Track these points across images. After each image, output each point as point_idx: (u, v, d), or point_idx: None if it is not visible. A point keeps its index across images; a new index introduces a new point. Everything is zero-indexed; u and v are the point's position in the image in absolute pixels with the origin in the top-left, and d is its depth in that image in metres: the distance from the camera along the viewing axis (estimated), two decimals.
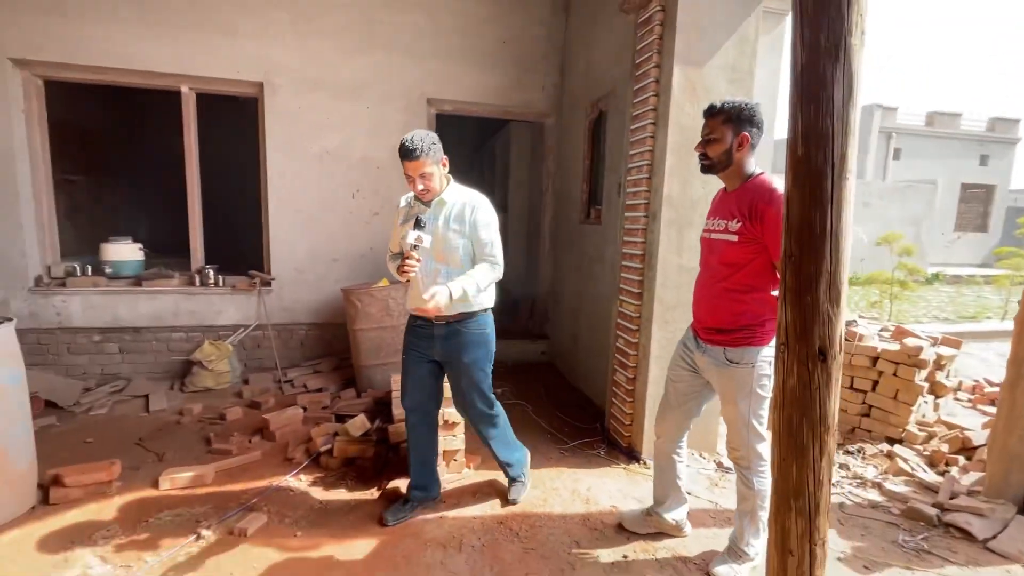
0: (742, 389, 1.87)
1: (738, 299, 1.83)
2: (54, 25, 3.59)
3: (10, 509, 2.24)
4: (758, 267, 1.78)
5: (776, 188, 1.74)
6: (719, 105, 1.81)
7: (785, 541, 1.07)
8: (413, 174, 2.06)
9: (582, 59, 4.13)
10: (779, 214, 1.66)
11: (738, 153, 1.80)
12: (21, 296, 3.77)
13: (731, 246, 1.81)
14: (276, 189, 4.14)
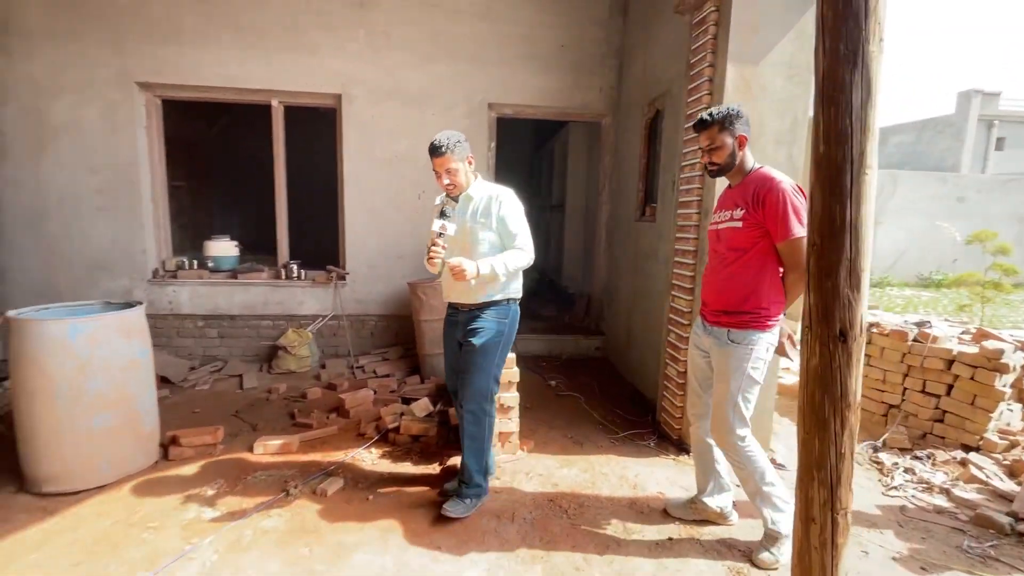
0: (737, 368, 1.97)
1: (744, 282, 1.96)
2: (171, 53, 4.15)
3: (139, 461, 2.68)
4: (762, 250, 1.93)
5: (774, 178, 1.91)
6: (709, 117, 1.96)
7: (808, 509, 1.15)
8: (440, 169, 2.21)
9: (639, 60, 4.20)
10: (778, 200, 1.80)
11: (740, 152, 1.97)
12: (142, 286, 4.39)
13: (737, 232, 1.95)
14: (351, 191, 4.52)
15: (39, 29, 4.03)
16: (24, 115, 4.10)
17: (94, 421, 2.46)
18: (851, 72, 0.99)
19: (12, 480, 2.53)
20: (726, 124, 1.94)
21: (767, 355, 2.00)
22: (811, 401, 1.13)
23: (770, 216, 1.87)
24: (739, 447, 2.02)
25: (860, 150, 1.01)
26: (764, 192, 1.89)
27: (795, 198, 1.88)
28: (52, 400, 2.37)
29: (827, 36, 1.01)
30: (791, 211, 1.85)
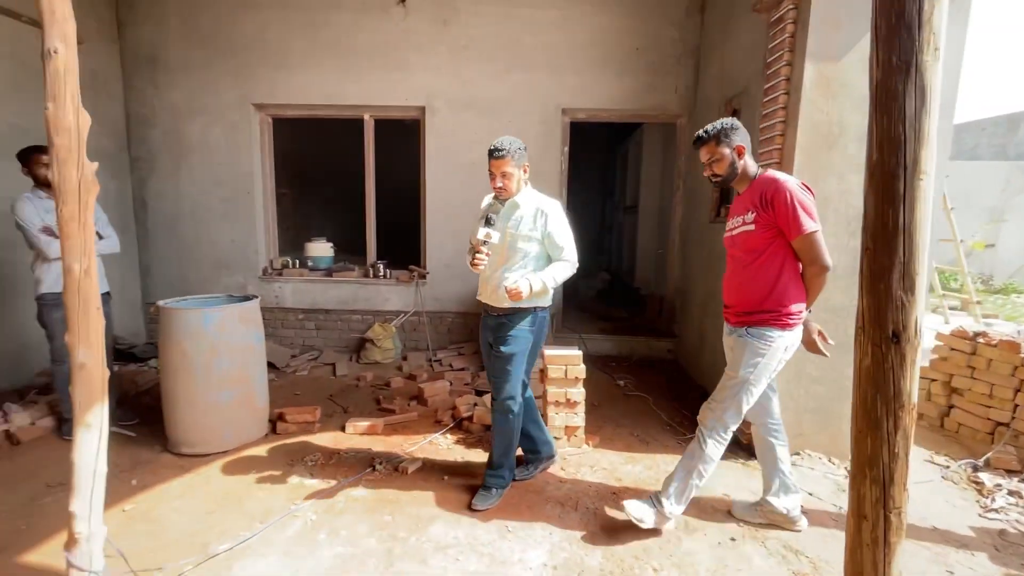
0: (750, 361, 2.01)
1: (763, 282, 2.01)
2: (281, 77, 4.70)
3: (252, 432, 3.11)
4: (777, 249, 1.98)
5: (778, 179, 1.97)
6: (704, 134, 2.06)
7: (860, 506, 1.18)
8: (496, 171, 2.27)
9: (716, 59, 4.13)
10: (786, 199, 1.90)
11: (740, 162, 2.05)
12: (254, 282, 5.00)
13: (751, 235, 2.02)
14: (432, 195, 4.85)
15: (179, 63, 4.74)
16: (167, 137, 4.84)
17: (220, 396, 2.90)
18: (904, 82, 1.01)
19: (159, 442, 3.05)
20: (722, 138, 2.03)
21: (785, 354, 2.03)
22: (863, 400, 1.15)
23: (780, 216, 1.92)
24: (719, 437, 2.09)
25: (914, 157, 1.03)
26: (771, 193, 1.94)
27: (802, 195, 1.92)
28: (189, 376, 2.84)
29: (880, 47, 1.04)
30: (799, 208, 1.89)
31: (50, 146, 1.51)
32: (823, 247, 1.93)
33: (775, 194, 1.93)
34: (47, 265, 2.93)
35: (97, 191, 1.61)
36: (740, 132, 2.04)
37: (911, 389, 1.11)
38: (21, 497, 2.50)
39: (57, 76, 1.49)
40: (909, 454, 1.14)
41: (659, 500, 2.20)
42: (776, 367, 2.04)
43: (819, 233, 1.92)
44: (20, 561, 2.06)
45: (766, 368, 2.02)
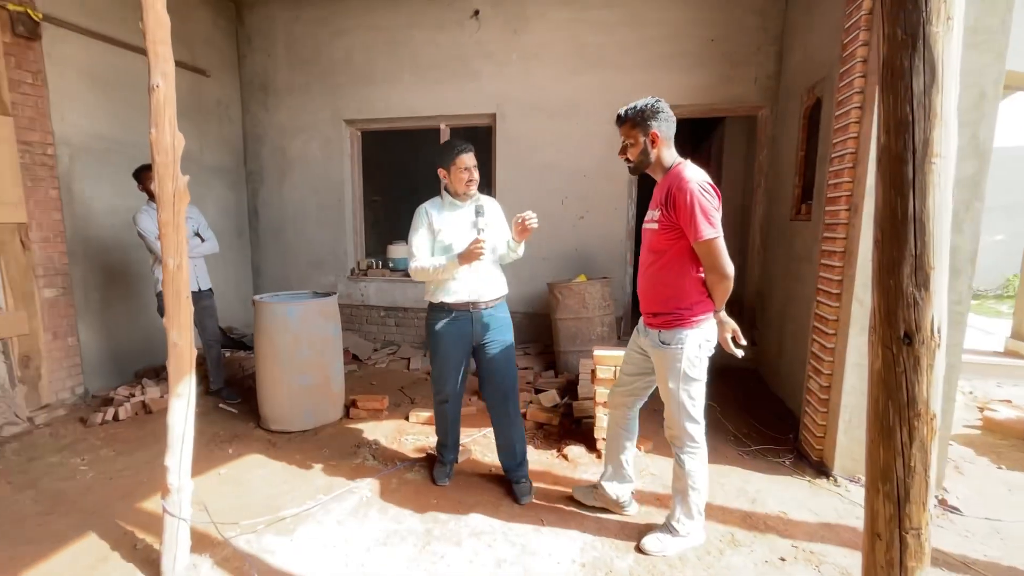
0: (672, 369, 1.98)
1: (666, 283, 1.96)
2: (367, 93, 5.14)
3: (330, 415, 3.45)
4: (680, 251, 1.91)
5: (685, 176, 1.84)
6: (622, 113, 1.96)
7: (873, 524, 1.07)
8: (470, 165, 2.37)
9: (800, 43, 3.82)
10: (686, 201, 1.80)
11: (653, 149, 1.93)
12: (343, 281, 5.50)
13: (654, 234, 1.95)
14: (502, 199, 4.96)
15: (285, 87, 5.37)
16: (273, 152, 5.51)
17: (301, 380, 3.26)
18: (910, 57, 0.92)
19: (253, 418, 3.50)
20: (637, 120, 1.92)
21: (700, 351, 1.98)
22: (874, 406, 1.05)
23: (682, 218, 1.83)
24: (689, 447, 2.05)
25: (924, 138, 0.93)
26: (675, 192, 1.84)
27: (703, 198, 1.80)
28: (276, 362, 3.23)
29: (885, 21, 0.95)
30: (699, 212, 1.78)
31: (152, 164, 1.84)
32: (722, 254, 1.84)
33: (677, 194, 1.83)
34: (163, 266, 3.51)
35: (188, 200, 1.92)
36: (660, 117, 1.92)
37: (929, 396, 0.99)
38: (147, 456, 3.01)
39: (159, 106, 1.81)
40: (929, 469, 1.02)
41: (672, 528, 2.13)
42: (701, 364, 2.00)
43: (719, 240, 1.83)
44: (136, 507, 2.50)
45: (690, 370, 1.97)
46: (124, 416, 3.56)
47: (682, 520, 2.10)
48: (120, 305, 4.20)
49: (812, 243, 3.34)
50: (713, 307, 1.97)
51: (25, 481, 2.75)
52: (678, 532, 2.10)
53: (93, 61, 3.92)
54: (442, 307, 2.45)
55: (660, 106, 1.93)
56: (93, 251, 3.99)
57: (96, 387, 4.02)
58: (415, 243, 2.46)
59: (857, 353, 2.48)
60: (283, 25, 5.28)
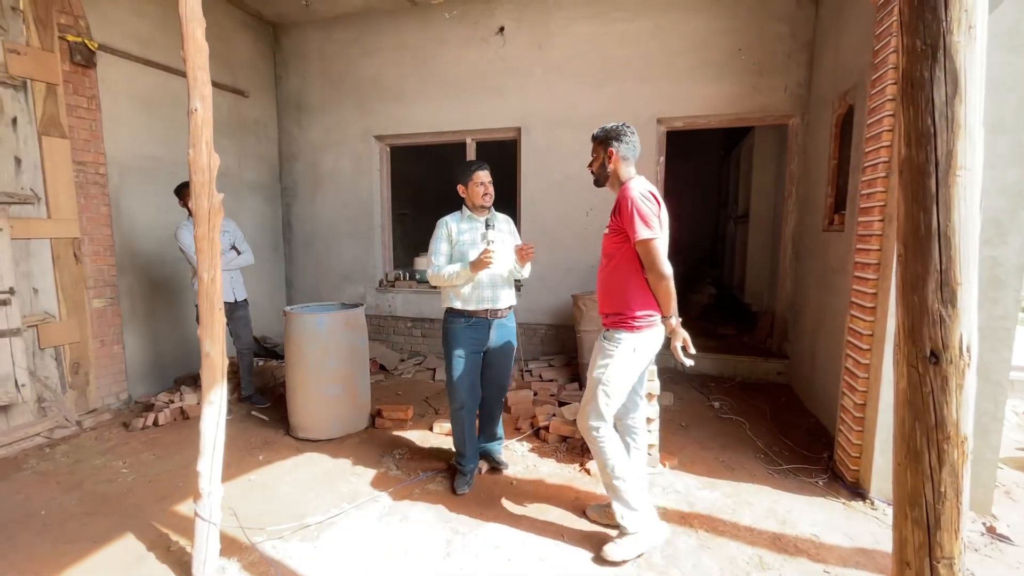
0: (600, 361, 2.14)
1: (614, 284, 2.15)
2: (396, 110, 5.29)
3: (356, 424, 3.52)
4: (626, 255, 2.09)
5: (627, 186, 2.07)
6: (595, 132, 2.21)
7: (902, 551, 1.02)
8: (485, 181, 2.65)
9: (831, 50, 3.74)
10: (626, 205, 2.01)
11: (610, 164, 2.16)
12: (372, 293, 5.62)
13: (606, 238, 2.17)
14: (527, 211, 5.03)
15: (318, 106, 5.58)
16: (306, 168, 5.71)
17: (328, 389, 3.34)
18: (931, 67, 0.89)
19: (283, 426, 3.60)
20: (601, 138, 2.18)
21: (633, 355, 2.10)
22: (901, 427, 1.01)
23: (624, 221, 2.02)
24: (593, 436, 2.13)
25: (947, 150, 0.90)
26: (619, 199, 2.07)
27: (642, 204, 2.00)
28: (305, 371, 3.32)
29: (904, 33, 0.93)
30: (636, 214, 1.99)
31: (190, 182, 1.94)
32: (658, 255, 2.01)
33: (621, 200, 2.05)
34: None
35: (222, 216, 2.02)
36: (623, 139, 2.14)
37: (959, 418, 0.95)
38: (183, 460, 3.13)
39: (197, 128, 1.92)
40: (960, 495, 0.97)
41: (619, 526, 2.18)
42: (629, 368, 2.11)
43: (655, 241, 2.00)
44: (172, 510, 2.60)
45: (616, 369, 2.09)
46: (163, 421, 3.71)
47: (624, 515, 2.14)
48: (161, 315, 4.40)
49: (846, 254, 3.24)
50: (660, 313, 2.11)
51: (72, 482, 2.90)
52: (627, 531, 2.15)
53: (141, 85, 4.17)
54: (460, 313, 2.67)
55: (623, 130, 2.17)
56: (138, 263, 4.21)
57: (139, 393, 4.21)
58: (435, 251, 2.70)
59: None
60: (316, 46, 5.50)
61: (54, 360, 3.63)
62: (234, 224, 3.98)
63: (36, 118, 3.46)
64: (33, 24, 3.42)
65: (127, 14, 4.03)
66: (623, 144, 2.15)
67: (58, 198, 3.57)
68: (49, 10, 3.50)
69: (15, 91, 3.35)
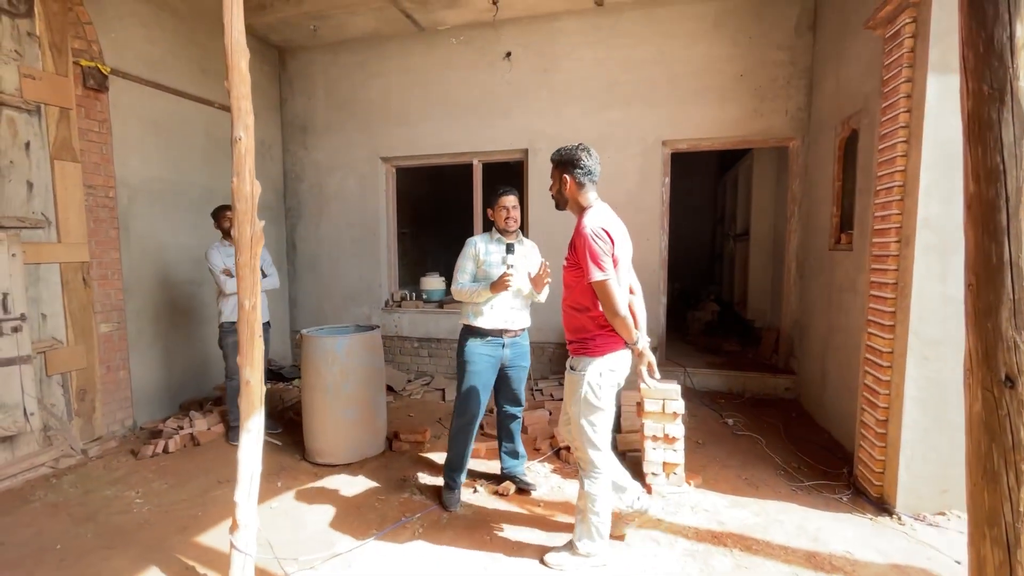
0: (575, 394, 2.13)
1: (574, 315, 2.17)
2: (402, 132, 5.34)
3: (372, 448, 3.48)
4: (583, 288, 2.09)
5: (584, 220, 2.07)
6: (553, 155, 2.21)
7: (981, 570, 1.05)
8: (509, 206, 2.74)
9: (831, 76, 3.89)
10: (581, 244, 2.01)
11: (567, 191, 2.16)
12: (377, 313, 5.60)
13: (565, 270, 2.18)
14: (535, 230, 5.08)
15: (323, 127, 5.61)
16: (312, 189, 5.71)
17: (346, 413, 3.31)
18: (998, 110, 0.96)
19: (298, 451, 3.55)
20: (558, 164, 2.18)
21: (602, 380, 2.09)
22: (976, 449, 1.05)
23: (579, 259, 2.03)
24: (589, 467, 2.14)
25: (1017, 186, 0.96)
26: (575, 236, 2.08)
27: (594, 244, 1.98)
28: (323, 395, 3.29)
29: (969, 78, 1.00)
30: (589, 256, 1.97)
31: (233, 209, 1.95)
32: (613, 295, 1.99)
33: (576, 238, 2.06)
34: (225, 299, 3.62)
35: (263, 242, 2.02)
36: (579, 165, 2.11)
37: None
38: (198, 489, 3.07)
39: (240, 157, 1.93)
40: None
41: (573, 546, 2.24)
42: (604, 393, 2.10)
43: (608, 281, 1.98)
44: (194, 541, 2.54)
45: (590, 397, 2.09)
46: (174, 448, 3.63)
47: (583, 540, 2.20)
48: (168, 338, 4.33)
49: (856, 273, 3.33)
50: (620, 341, 2.12)
51: (84, 514, 2.81)
52: (578, 551, 2.21)
53: (151, 109, 4.17)
54: (478, 331, 2.77)
55: (579, 156, 2.13)
56: (145, 287, 4.15)
57: (144, 419, 4.12)
58: (461, 268, 2.80)
59: (915, 387, 2.45)
60: (322, 69, 5.55)
61: (60, 387, 3.54)
62: (263, 248, 3.99)
63: (49, 142, 3.43)
64: (48, 49, 3.42)
65: (139, 40, 4.04)
66: (579, 170, 2.12)
67: (68, 222, 3.53)
68: (64, 35, 3.50)
69: (29, 115, 3.33)
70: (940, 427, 2.44)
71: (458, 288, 2.75)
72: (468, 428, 2.80)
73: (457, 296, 2.78)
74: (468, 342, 2.79)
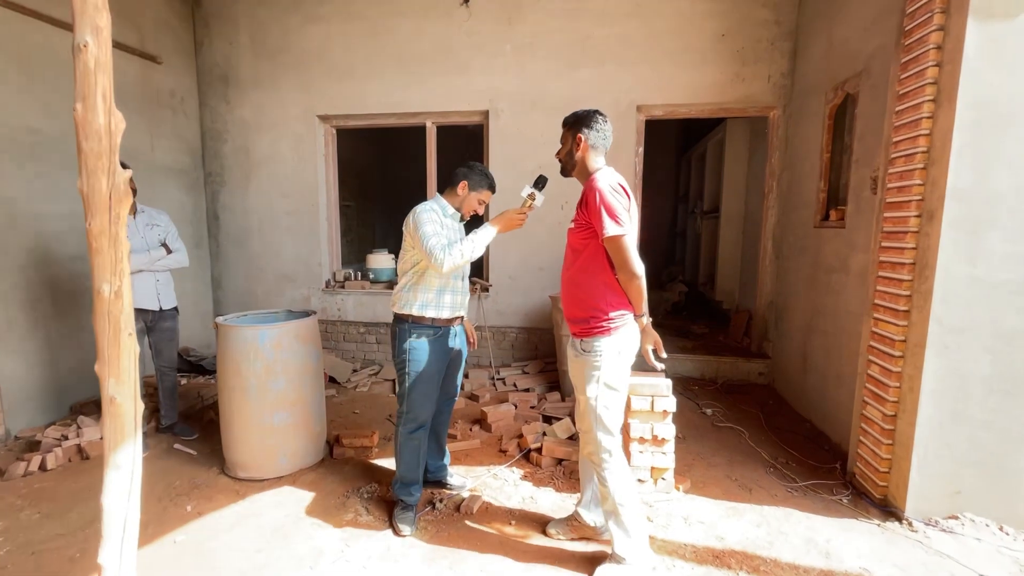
0: (589, 379, 1.94)
1: (581, 285, 1.95)
2: (345, 87, 4.64)
3: (308, 458, 2.93)
4: (593, 251, 1.91)
5: (595, 176, 1.91)
6: (565, 118, 2.06)
7: None
8: (487, 202, 2.45)
9: (821, 37, 3.58)
10: (594, 199, 1.82)
11: (578, 153, 2.00)
12: (317, 295, 4.94)
13: (572, 233, 1.99)
14: (494, 203, 4.57)
15: (250, 79, 4.80)
16: (237, 151, 4.91)
17: (275, 418, 2.74)
18: None
19: (217, 462, 2.94)
20: (572, 124, 2.03)
21: (619, 360, 1.93)
22: None
23: (592, 215, 1.85)
24: (602, 460, 1.96)
25: None
26: (586, 191, 1.90)
27: (611, 197, 1.83)
28: (244, 396, 2.70)
29: None
30: (603, 209, 1.81)
31: (78, 152, 1.33)
32: (628, 252, 1.84)
33: (588, 193, 1.89)
34: None
35: (131, 202, 1.42)
36: (594, 127, 1.98)
37: None
38: (80, 519, 2.43)
39: (87, 73, 1.31)
40: None
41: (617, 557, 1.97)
42: (619, 375, 1.94)
43: (625, 238, 1.83)
44: None
45: (606, 381, 1.92)
46: (54, 465, 2.93)
47: (622, 544, 1.96)
48: (51, 327, 3.54)
49: (848, 251, 3.08)
50: (633, 311, 1.93)
51: None
52: (624, 560, 1.97)
53: (19, 43, 3.28)
54: (430, 323, 2.32)
55: (595, 117, 2.00)
56: (17, 263, 3.34)
57: (19, 426, 3.35)
58: (434, 232, 2.21)
59: (934, 379, 2.18)
60: (247, 9, 4.72)
61: None
62: (167, 218, 3.29)
63: None
64: None
65: None
66: (593, 132, 1.98)
67: None
68: None
69: None
70: (957, 423, 2.20)
71: (452, 255, 2.12)
72: (418, 434, 2.38)
73: (455, 260, 2.13)
74: (414, 339, 2.30)
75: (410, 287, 2.31)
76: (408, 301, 2.30)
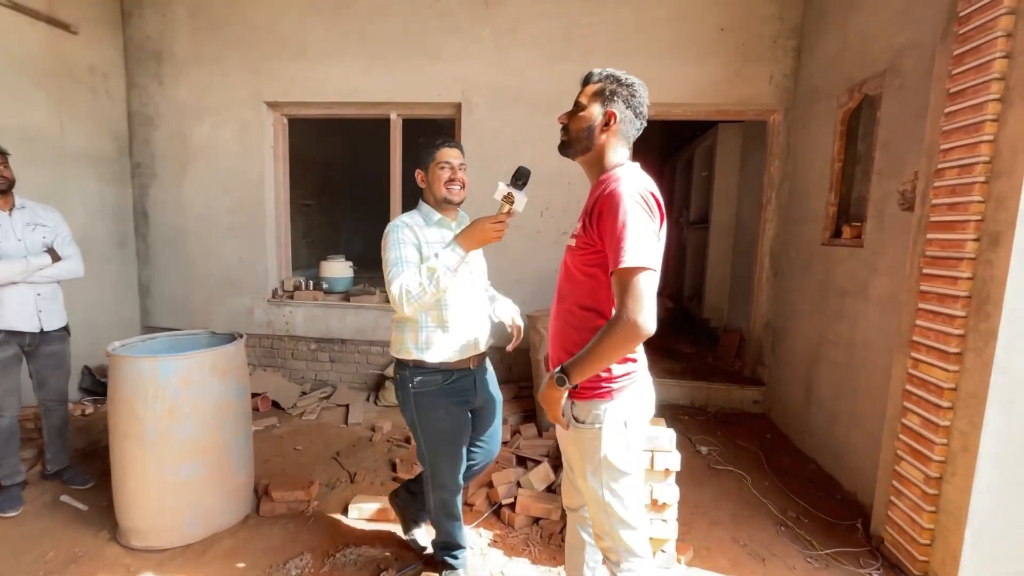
0: (590, 458, 1.39)
1: (576, 327, 1.39)
2: (299, 70, 4.07)
3: (228, 517, 2.37)
4: (598, 283, 1.34)
5: (621, 182, 1.28)
6: (596, 73, 1.41)
7: None
8: (454, 163, 1.82)
9: (833, 35, 3.22)
10: (616, 215, 1.23)
11: (603, 135, 1.39)
12: (262, 306, 4.34)
13: (571, 253, 1.42)
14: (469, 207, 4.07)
15: (186, 56, 4.18)
16: (171, 138, 4.28)
17: (181, 471, 2.17)
18: None
19: (108, 524, 2.35)
20: (601, 91, 1.38)
21: (626, 432, 1.36)
22: None
23: (606, 233, 1.27)
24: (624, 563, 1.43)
25: None
26: (600, 196, 1.30)
27: (640, 210, 1.24)
28: (140, 445, 2.12)
29: None
30: (625, 228, 1.22)
31: None
32: (645, 296, 1.20)
33: (605, 200, 1.28)
34: None
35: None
36: (633, 106, 1.38)
37: None
38: None
39: None
40: None
41: None
42: (630, 452, 1.37)
43: (646, 274, 1.20)
44: None
45: (616, 457, 1.35)
46: None
47: None
48: None
49: (868, 274, 2.70)
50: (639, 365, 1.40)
51: None
52: None
53: None
54: (434, 369, 1.78)
55: (636, 88, 1.39)
56: None
57: None
58: (401, 258, 1.69)
59: (996, 439, 1.79)
60: None
61: None
62: (57, 216, 2.64)
63: None
64: None
65: None
66: (631, 111, 1.38)
67: None
68: None
69: None
70: (1022, 494, 1.82)
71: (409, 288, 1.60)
72: (453, 501, 1.95)
73: (414, 304, 1.62)
74: (424, 388, 1.79)
75: (400, 324, 1.82)
76: (402, 342, 1.80)
